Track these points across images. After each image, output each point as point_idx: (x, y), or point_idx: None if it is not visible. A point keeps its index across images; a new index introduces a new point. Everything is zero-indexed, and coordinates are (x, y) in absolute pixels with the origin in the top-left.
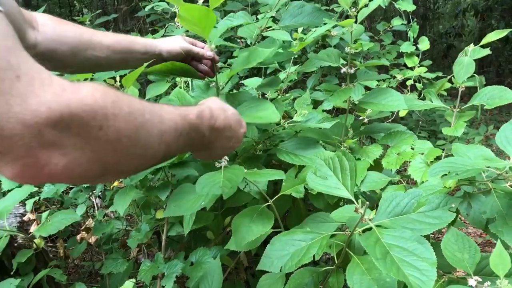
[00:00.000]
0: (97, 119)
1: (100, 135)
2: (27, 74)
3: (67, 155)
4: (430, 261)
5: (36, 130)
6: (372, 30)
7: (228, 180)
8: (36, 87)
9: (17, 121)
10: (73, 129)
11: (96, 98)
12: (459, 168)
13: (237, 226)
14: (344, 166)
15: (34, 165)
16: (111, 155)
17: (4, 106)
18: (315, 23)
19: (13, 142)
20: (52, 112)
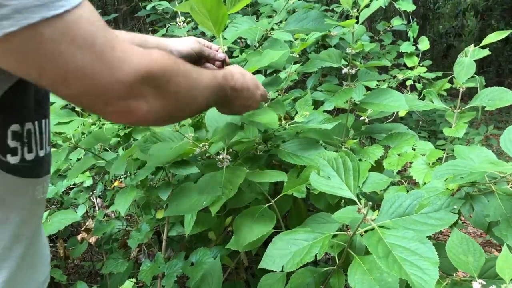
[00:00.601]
0: (165, 74)
1: (167, 87)
2: (119, 45)
3: (147, 102)
4: (432, 261)
5: (129, 87)
6: (372, 30)
7: (229, 181)
8: (127, 54)
9: (117, 81)
10: (151, 82)
11: (164, 59)
12: (463, 171)
13: (239, 226)
14: (347, 166)
15: (128, 111)
16: (173, 102)
17: (107, 71)
18: (320, 29)
19: (114, 96)
20: (139, 72)
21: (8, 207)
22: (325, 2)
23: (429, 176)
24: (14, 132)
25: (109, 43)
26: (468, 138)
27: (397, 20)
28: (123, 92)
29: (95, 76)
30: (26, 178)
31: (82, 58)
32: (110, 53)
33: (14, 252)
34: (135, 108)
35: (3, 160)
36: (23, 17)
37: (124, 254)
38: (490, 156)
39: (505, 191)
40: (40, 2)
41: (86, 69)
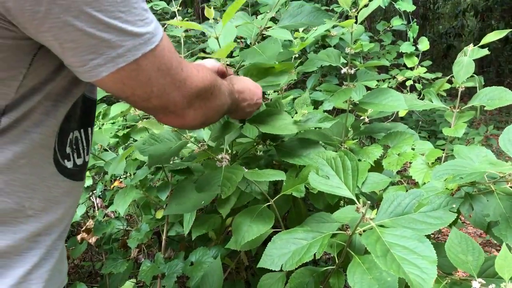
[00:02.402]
0: (210, 89)
1: (210, 97)
2: (185, 66)
3: (195, 110)
4: (431, 259)
5: (189, 100)
6: (372, 30)
7: (228, 180)
8: (188, 73)
9: (183, 96)
10: (201, 96)
11: (209, 77)
12: (463, 171)
13: (238, 225)
14: (346, 165)
15: (183, 117)
16: (210, 110)
17: (177, 89)
18: (314, 23)
19: (177, 105)
20: (197, 88)
21: (63, 207)
22: (325, 2)
23: (428, 176)
24: (70, 139)
25: (179, 66)
26: (468, 138)
27: (397, 20)
28: (185, 104)
29: (170, 94)
30: (76, 181)
31: (163, 81)
32: (180, 74)
33: (59, 245)
34: (186, 115)
35: (63, 164)
36: (132, 54)
37: (124, 254)
38: (489, 156)
39: (504, 190)
40: (142, 40)
41: (164, 89)
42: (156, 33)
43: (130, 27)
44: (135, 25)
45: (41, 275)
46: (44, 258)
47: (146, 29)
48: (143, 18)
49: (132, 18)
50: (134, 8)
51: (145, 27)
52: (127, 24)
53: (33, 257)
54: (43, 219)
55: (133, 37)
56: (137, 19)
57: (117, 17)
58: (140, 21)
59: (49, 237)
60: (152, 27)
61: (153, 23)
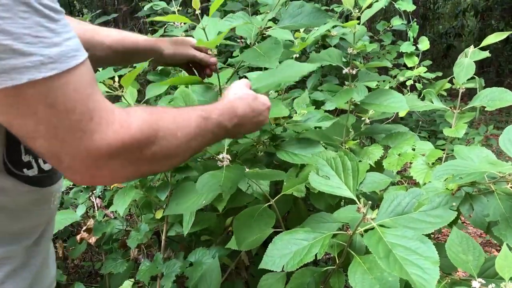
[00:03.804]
0: (140, 147)
1: (141, 156)
2: (98, 116)
3: (114, 171)
4: (433, 260)
5: (95, 158)
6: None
7: (228, 180)
8: (102, 126)
9: (85, 151)
10: (121, 156)
11: (143, 131)
12: (463, 171)
13: (239, 225)
14: (346, 165)
15: (89, 177)
16: (146, 168)
17: (78, 140)
18: (314, 23)
19: (79, 164)
20: (110, 148)
21: (33, 216)
22: (325, 2)
23: (429, 176)
24: (26, 147)
25: (88, 113)
26: (468, 138)
27: (397, 20)
28: (88, 162)
29: (64, 142)
30: (45, 187)
31: (56, 123)
32: (85, 123)
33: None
34: (97, 176)
35: (22, 174)
36: (9, 78)
37: (123, 254)
38: (489, 156)
39: (504, 191)
40: (30, 62)
41: (56, 133)
42: (61, 61)
43: (9, 40)
44: (19, 39)
45: (18, 282)
46: (22, 265)
47: (38, 50)
48: (36, 34)
49: (17, 29)
50: (22, 18)
51: (38, 47)
52: (5, 35)
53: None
54: (11, 228)
55: (12, 55)
56: (24, 33)
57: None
58: (30, 37)
59: (24, 244)
60: (52, 51)
61: (57, 47)
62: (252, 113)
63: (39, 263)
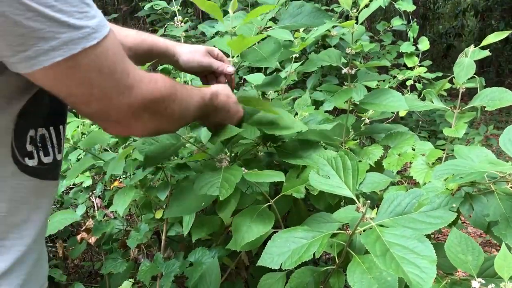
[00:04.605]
0: (165, 102)
1: (164, 112)
2: (132, 73)
3: (144, 123)
4: (430, 259)
5: (135, 110)
6: (372, 30)
7: (226, 181)
8: (136, 81)
9: (127, 104)
10: (151, 108)
11: (166, 87)
12: (463, 171)
13: (237, 226)
14: (346, 165)
15: (128, 127)
16: (166, 123)
17: (121, 95)
18: (314, 23)
19: (122, 116)
20: (145, 99)
21: (31, 207)
22: (325, 2)
23: (429, 176)
24: (31, 136)
25: (126, 71)
26: (468, 138)
27: (397, 20)
28: (129, 113)
29: (112, 99)
30: (46, 180)
31: (105, 84)
32: (125, 80)
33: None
34: (133, 126)
35: (23, 163)
36: (69, 49)
37: (123, 254)
38: (489, 156)
39: (504, 191)
40: (81, 34)
41: (106, 93)
42: (99, 30)
43: (65, 17)
44: (71, 16)
45: (12, 281)
46: (15, 263)
47: (86, 22)
48: (81, 10)
49: (68, 8)
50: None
51: (84, 21)
52: (61, 13)
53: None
54: (8, 220)
55: (69, 29)
56: (74, 10)
57: (49, 4)
58: (78, 13)
59: (21, 241)
60: (93, 22)
61: (96, 19)
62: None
63: (32, 262)
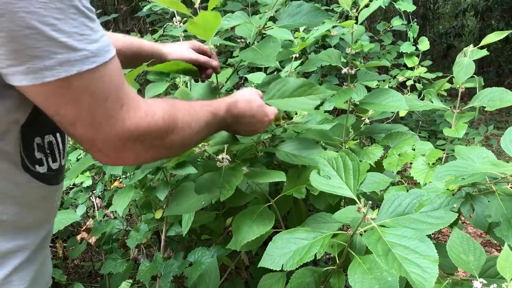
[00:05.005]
0: (162, 135)
1: (161, 143)
2: (127, 104)
3: (137, 154)
4: (432, 259)
5: (124, 142)
6: (372, 30)
7: (227, 182)
8: (131, 113)
9: (115, 135)
10: (145, 141)
11: (164, 120)
12: (465, 172)
13: (238, 225)
14: (347, 166)
15: (116, 158)
16: (164, 153)
17: (110, 125)
18: (313, 22)
19: (109, 146)
20: (136, 132)
21: (40, 211)
22: (325, 2)
23: (429, 177)
24: (38, 144)
25: (120, 101)
26: (468, 138)
27: (397, 20)
28: (117, 145)
29: (99, 127)
30: (51, 185)
31: (94, 110)
32: (117, 110)
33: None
34: (122, 157)
35: (34, 170)
36: (63, 70)
37: (123, 254)
38: (490, 156)
39: (505, 191)
40: (79, 56)
41: (93, 120)
42: (100, 55)
43: (64, 37)
44: (71, 37)
45: (23, 277)
46: (26, 261)
47: (85, 45)
48: (82, 32)
49: (68, 28)
50: (72, 19)
51: (84, 43)
52: (61, 33)
53: (14, 260)
54: (18, 223)
55: (66, 50)
56: (74, 32)
57: (48, 23)
58: (78, 35)
59: (30, 240)
60: (94, 46)
61: (98, 43)
62: (251, 117)
63: (40, 261)
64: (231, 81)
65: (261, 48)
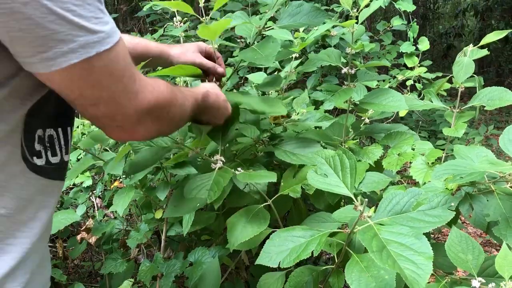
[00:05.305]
0: (166, 107)
1: (166, 116)
2: (138, 79)
3: (147, 127)
4: (427, 256)
5: (140, 114)
6: (372, 30)
7: (216, 184)
8: (142, 87)
9: (133, 109)
10: (155, 113)
11: (168, 93)
12: (463, 171)
13: (232, 225)
14: (344, 164)
15: (131, 132)
16: (166, 127)
17: (128, 100)
18: (313, 22)
19: (126, 118)
20: (149, 104)
21: (38, 206)
22: (325, 2)
23: (429, 176)
24: (39, 136)
25: (133, 77)
26: (468, 138)
27: (397, 20)
28: (134, 118)
29: (119, 103)
30: (52, 179)
31: (114, 87)
32: (132, 85)
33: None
34: (136, 131)
35: (31, 162)
36: (85, 51)
37: (124, 254)
38: (489, 156)
39: (504, 190)
40: (97, 38)
41: (114, 97)
42: (112, 35)
43: (84, 22)
44: (89, 21)
45: (17, 279)
46: (22, 261)
47: (101, 27)
48: (97, 16)
49: (86, 13)
50: (88, 4)
51: (100, 26)
52: (80, 18)
53: (10, 260)
54: (15, 218)
55: (86, 33)
56: (91, 16)
57: (69, 9)
58: (94, 18)
59: (26, 239)
60: (107, 28)
61: (109, 24)
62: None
63: (36, 263)
64: (231, 81)
65: (260, 48)
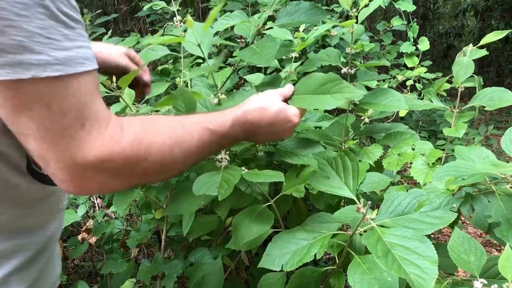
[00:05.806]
0: (130, 163)
1: (131, 172)
2: (89, 125)
3: (102, 183)
4: (432, 259)
5: (83, 169)
6: (372, 30)
7: (225, 181)
8: (92, 136)
9: (70, 159)
10: (109, 169)
11: (133, 148)
12: (465, 173)
13: (237, 225)
14: (346, 165)
15: (77, 186)
16: (136, 181)
17: (64, 146)
18: (312, 20)
19: (65, 172)
20: (98, 159)
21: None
22: (325, 2)
23: (429, 176)
24: None
25: (80, 120)
26: (468, 138)
27: (397, 20)
28: (75, 172)
29: (52, 144)
30: (53, 186)
31: (48, 124)
32: (76, 131)
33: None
34: (85, 187)
35: (38, 172)
36: (13, 71)
37: (124, 254)
38: (490, 156)
39: (505, 191)
40: (37, 61)
41: (46, 135)
42: (68, 65)
43: (21, 37)
44: (30, 37)
45: (24, 277)
46: (28, 261)
47: (48, 51)
48: (50, 36)
49: (31, 28)
50: (38, 18)
51: (47, 48)
52: (18, 31)
53: (14, 259)
54: (21, 223)
55: (22, 51)
56: (38, 33)
57: (5, 17)
58: (42, 37)
59: (32, 240)
60: (60, 54)
61: (66, 52)
62: (268, 126)
63: (44, 261)
64: (231, 81)
65: (259, 48)
